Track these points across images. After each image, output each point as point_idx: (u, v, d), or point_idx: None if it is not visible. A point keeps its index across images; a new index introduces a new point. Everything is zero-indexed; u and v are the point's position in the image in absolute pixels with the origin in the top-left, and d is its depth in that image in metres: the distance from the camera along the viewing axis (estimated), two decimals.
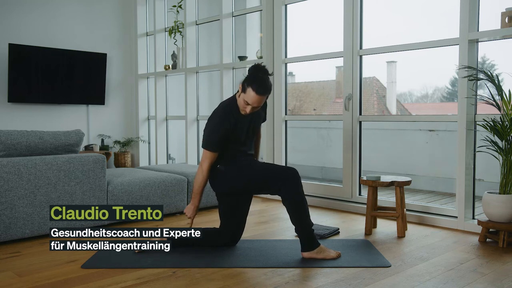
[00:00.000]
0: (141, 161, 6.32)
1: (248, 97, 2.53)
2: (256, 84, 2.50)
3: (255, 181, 2.66)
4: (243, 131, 2.70)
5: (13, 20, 5.35)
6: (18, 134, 3.03)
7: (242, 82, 2.57)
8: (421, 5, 6.89)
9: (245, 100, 2.54)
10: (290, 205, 2.60)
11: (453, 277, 2.34)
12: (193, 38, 5.59)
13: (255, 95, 2.51)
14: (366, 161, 4.38)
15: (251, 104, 2.54)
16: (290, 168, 2.63)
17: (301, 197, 2.60)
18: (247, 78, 2.57)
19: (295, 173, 2.61)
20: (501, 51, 5.25)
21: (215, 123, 2.65)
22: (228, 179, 2.69)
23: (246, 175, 2.67)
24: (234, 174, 2.68)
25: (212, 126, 2.66)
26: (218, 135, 2.61)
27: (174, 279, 2.30)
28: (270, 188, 2.64)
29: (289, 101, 7.15)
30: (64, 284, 2.24)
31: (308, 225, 2.60)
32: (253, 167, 2.68)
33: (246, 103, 2.55)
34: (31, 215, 3.01)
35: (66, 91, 5.69)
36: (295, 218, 2.61)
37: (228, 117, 2.62)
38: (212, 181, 2.77)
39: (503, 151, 3.00)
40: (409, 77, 8.35)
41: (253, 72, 2.58)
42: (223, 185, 2.73)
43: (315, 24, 7.47)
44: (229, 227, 2.80)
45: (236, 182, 2.69)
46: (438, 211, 3.60)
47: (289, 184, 2.57)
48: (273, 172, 2.63)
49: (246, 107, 2.57)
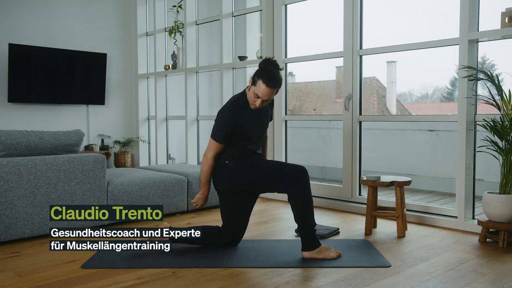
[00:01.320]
0: (141, 161, 6.32)
1: (258, 90, 2.56)
2: (266, 77, 2.54)
3: (264, 179, 2.66)
4: (253, 126, 2.73)
5: (13, 20, 5.35)
6: (18, 134, 3.03)
7: (253, 76, 2.61)
8: (421, 5, 6.90)
9: (255, 93, 2.57)
10: (296, 203, 2.59)
11: (453, 277, 2.34)
12: (193, 38, 5.59)
13: (266, 87, 2.54)
14: (366, 161, 4.38)
15: (261, 97, 2.57)
16: (299, 166, 2.62)
17: (308, 196, 2.60)
18: (257, 71, 2.60)
19: (304, 171, 2.61)
20: (501, 51, 5.25)
21: (226, 115, 2.67)
22: (237, 175, 2.68)
23: (255, 172, 2.66)
24: (243, 171, 2.67)
25: (223, 118, 2.67)
26: (228, 126, 2.63)
27: (174, 279, 2.30)
28: (278, 185, 2.63)
29: (289, 101, 7.15)
30: (64, 284, 2.24)
31: (311, 225, 2.60)
32: (262, 165, 2.68)
33: (256, 96, 2.58)
34: (31, 215, 3.01)
35: (66, 91, 5.69)
36: (299, 217, 2.60)
37: (239, 111, 2.66)
38: (219, 178, 2.74)
39: (503, 151, 3.00)
40: (409, 77, 8.35)
41: (263, 65, 2.61)
42: (230, 181, 2.70)
43: (315, 24, 7.47)
44: (230, 227, 2.79)
45: (245, 179, 2.67)
46: (438, 211, 3.60)
47: (296, 182, 2.57)
48: (282, 170, 2.62)
49: (256, 101, 2.59)
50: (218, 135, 2.66)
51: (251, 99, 2.63)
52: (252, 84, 2.60)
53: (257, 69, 2.62)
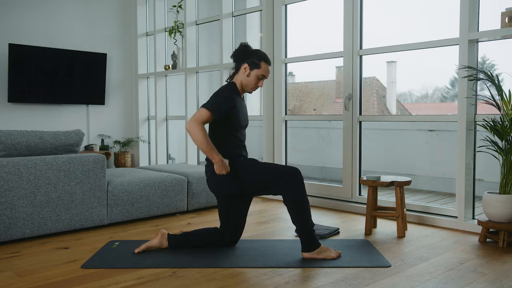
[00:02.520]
0: (141, 161, 6.32)
1: (264, 71, 2.74)
2: (264, 57, 2.75)
3: (259, 182, 2.65)
4: (244, 115, 2.79)
5: (13, 20, 5.35)
6: (18, 134, 3.03)
7: (249, 62, 2.72)
8: (421, 5, 6.90)
9: (261, 74, 2.74)
10: (291, 205, 2.59)
11: (453, 277, 2.34)
12: (193, 38, 5.59)
13: (268, 66, 2.77)
14: (366, 161, 4.38)
15: (267, 75, 2.77)
16: (293, 168, 2.63)
17: (303, 197, 2.59)
18: (252, 56, 2.73)
19: (298, 173, 2.61)
20: (501, 51, 5.26)
21: (226, 94, 2.68)
22: (232, 179, 2.67)
23: (250, 176, 2.65)
24: (238, 175, 2.66)
25: (222, 94, 2.67)
26: (229, 105, 2.64)
27: (174, 279, 2.30)
28: (273, 188, 2.63)
29: (289, 101, 7.15)
30: (64, 284, 2.24)
31: (309, 226, 2.60)
32: (256, 168, 2.67)
33: (262, 77, 2.75)
34: (31, 215, 3.01)
35: (66, 91, 5.69)
36: (296, 219, 2.60)
37: (238, 97, 2.75)
38: (215, 182, 2.72)
39: (503, 151, 3.00)
40: (409, 77, 8.36)
41: (251, 49, 2.77)
42: (226, 186, 2.70)
43: (315, 24, 7.47)
44: (229, 227, 2.80)
45: (239, 183, 2.66)
46: (438, 211, 3.60)
47: (291, 184, 2.57)
48: (276, 172, 2.61)
49: (260, 82, 2.77)
50: (215, 107, 2.58)
51: (253, 83, 2.75)
52: (253, 69, 2.72)
53: (248, 54, 2.73)
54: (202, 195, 4.01)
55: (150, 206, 3.66)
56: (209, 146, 2.55)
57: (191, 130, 2.54)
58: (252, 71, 2.73)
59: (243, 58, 2.74)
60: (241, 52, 2.75)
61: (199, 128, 2.53)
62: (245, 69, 2.73)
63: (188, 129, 2.56)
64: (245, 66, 2.73)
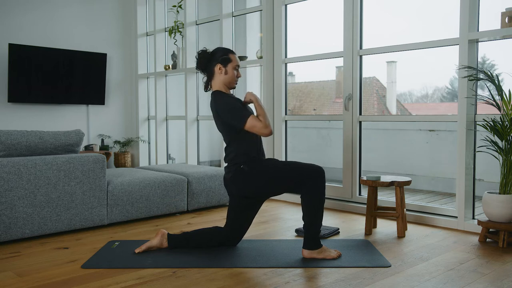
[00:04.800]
0: (141, 161, 6.32)
1: (235, 61, 2.80)
2: (226, 49, 2.81)
3: (280, 183, 2.64)
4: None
5: (13, 20, 5.35)
6: (18, 134, 3.03)
7: (220, 61, 2.76)
8: (421, 5, 6.90)
9: (235, 65, 2.80)
10: (308, 202, 2.58)
11: (453, 277, 2.34)
12: (193, 38, 5.59)
13: (235, 55, 2.83)
14: (366, 161, 4.38)
15: (239, 64, 2.85)
16: (317, 167, 2.61)
17: (322, 197, 2.59)
18: (218, 54, 2.78)
19: (321, 172, 2.60)
20: (501, 51, 5.26)
21: (232, 101, 2.70)
22: (253, 180, 2.66)
23: (271, 177, 2.64)
24: (258, 175, 2.65)
25: (232, 104, 2.68)
26: (241, 107, 2.67)
27: (174, 279, 2.30)
28: (294, 189, 2.63)
29: (289, 101, 7.15)
30: (64, 284, 2.24)
31: (318, 226, 2.60)
32: (278, 168, 2.65)
33: (238, 67, 2.82)
34: (31, 215, 3.01)
35: (66, 91, 5.69)
36: (308, 216, 2.58)
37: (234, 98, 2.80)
38: (234, 182, 2.70)
39: (503, 151, 3.00)
40: (409, 77, 8.37)
41: (211, 52, 2.81)
42: (244, 186, 2.68)
43: (315, 24, 7.48)
44: (234, 228, 2.80)
45: (261, 184, 2.65)
46: (438, 211, 3.60)
47: (313, 182, 2.56)
48: (300, 171, 2.60)
49: (238, 73, 2.83)
50: (243, 111, 2.64)
51: (233, 77, 2.79)
52: (227, 64, 2.76)
53: (213, 56, 2.78)
54: (202, 195, 4.02)
55: (150, 206, 3.66)
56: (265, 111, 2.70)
57: (271, 130, 2.65)
58: (226, 67, 2.76)
59: (211, 62, 2.77)
60: (205, 59, 2.78)
61: (264, 124, 2.61)
62: (220, 69, 2.76)
63: (271, 132, 2.65)
64: (218, 66, 2.75)
